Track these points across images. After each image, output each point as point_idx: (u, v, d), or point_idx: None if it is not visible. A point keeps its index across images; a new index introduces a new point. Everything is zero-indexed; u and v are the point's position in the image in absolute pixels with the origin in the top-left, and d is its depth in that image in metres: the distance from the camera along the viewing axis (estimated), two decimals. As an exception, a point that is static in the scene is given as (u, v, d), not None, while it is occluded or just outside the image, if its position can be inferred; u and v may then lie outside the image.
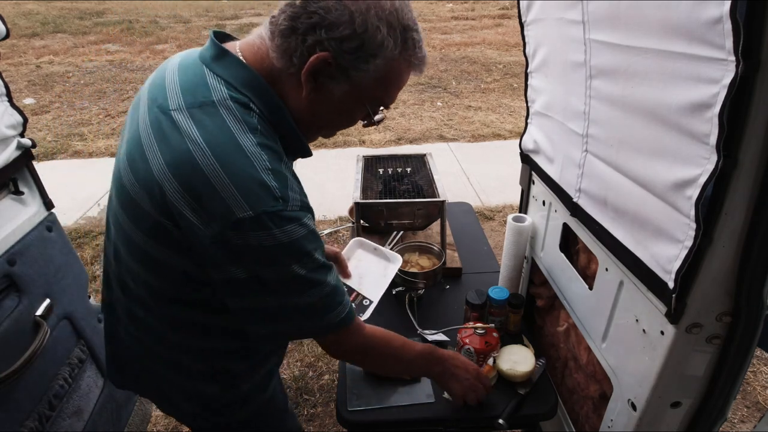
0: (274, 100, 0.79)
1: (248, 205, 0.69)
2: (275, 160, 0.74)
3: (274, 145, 0.77)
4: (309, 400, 2.21)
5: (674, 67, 0.78)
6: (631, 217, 0.99)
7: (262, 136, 0.75)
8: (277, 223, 0.72)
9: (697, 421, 0.96)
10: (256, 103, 0.77)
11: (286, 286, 0.78)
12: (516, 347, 1.33)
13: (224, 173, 0.69)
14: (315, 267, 0.79)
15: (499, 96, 6.50)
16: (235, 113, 0.74)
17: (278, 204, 0.72)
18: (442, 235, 1.70)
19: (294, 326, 0.85)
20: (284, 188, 0.74)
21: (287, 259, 0.75)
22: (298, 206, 0.76)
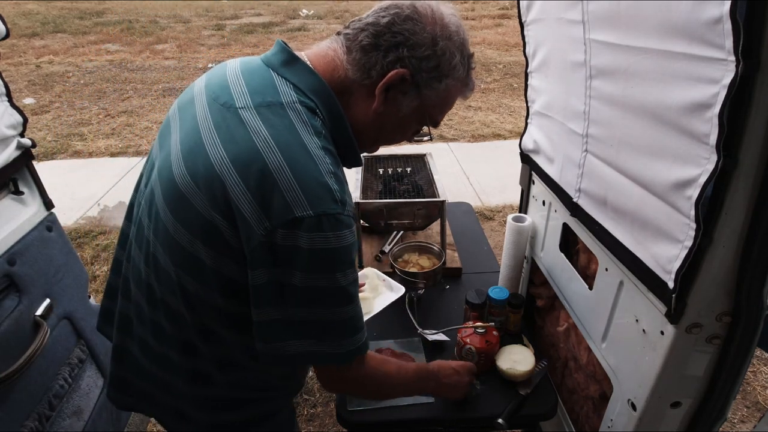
0: (338, 109, 0.81)
1: (309, 204, 0.69)
2: (336, 165, 0.76)
3: (335, 151, 0.79)
4: (309, 400, 2.21)
5: (674, 67, 0.78)
6: (631, 217, 0.99)
7: (326, 141, 0.77)
8: (335, 226, 0.71)
9: (697, 421, 0.96)
10: (322, 110, 0.79)
11: (325, 296, 0.76)
12: (516, 347, 1.33)
13: (290, 171, 0.70)
14: (353, 281, 0.79)
15: (499, 96, 6.50)
16: (302, 116, 0.75)
17: (338, 207, 0.72)
18: (442, 235, 1.70)
19: (313, 346, 0.79)
20: (343, 193, 0.75)
21: (335, 266, 0.74)
22: (353, 213, 0.76)
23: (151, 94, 6.69)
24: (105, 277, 3.07)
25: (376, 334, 1.43)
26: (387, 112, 0.83)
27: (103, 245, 3.39)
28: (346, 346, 0.81)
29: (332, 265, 0.73)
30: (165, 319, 0.87)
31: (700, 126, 0.74)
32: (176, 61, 8.12)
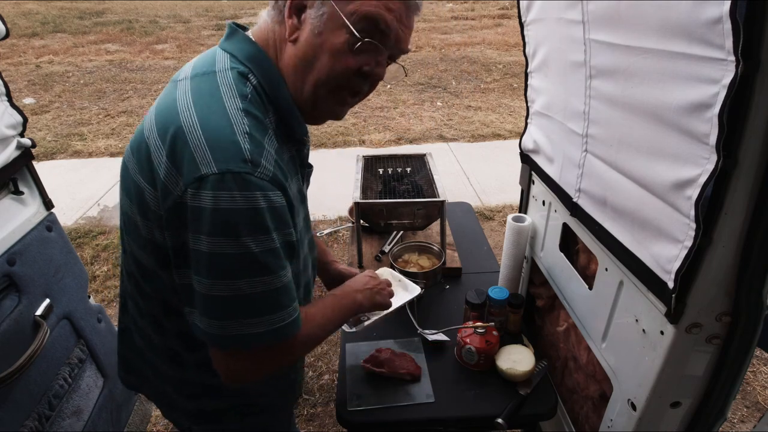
0: (274, 73, 0.79)
1: (215, 161, 0.68)
2: (256, 129, 0.73)
3: (261, 116, 0.76)
4: (309, 400, 2.21)
5: (674, 67, 0.78)
6: (630, 217, 0.99)
7: (251, 105, 0.75)
8: (241, 185, 0.68)
9: (697, 421, 0.96)
10: (256, 75, 0.78)
11: (234, 263, 0.71)
12: (516, 347, 1.33)
13: (200, 129, 0.69)
14: (271, 250, 0.72)
15: (499, 96, 6.50)
16: (230, 80, 0.76)
17: (246, 166, 0.69)
18: (442, 235, 1.70)
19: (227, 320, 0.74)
20: (257, 154, 0.71)
21: (242, 230, 0.69)
22: (269, 177, 0.71)
23: (151, 94, 6.69)
24: (105, 277, 3.07)
25: (375, 334, 1.43)
26: (307, 40, 0.76)
27: (103, 245, 3.39)
28: (267, 321, 0.75)
29: (238, 228, 0.69)
30: (138, 295, 0.90)
31: (700, 126, 0.74)
32: (176, 61, 8.12)
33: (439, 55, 8.36)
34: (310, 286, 1.03)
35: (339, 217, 3.69)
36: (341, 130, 5.38)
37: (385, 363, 1.27)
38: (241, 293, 0.72)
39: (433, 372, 1.30)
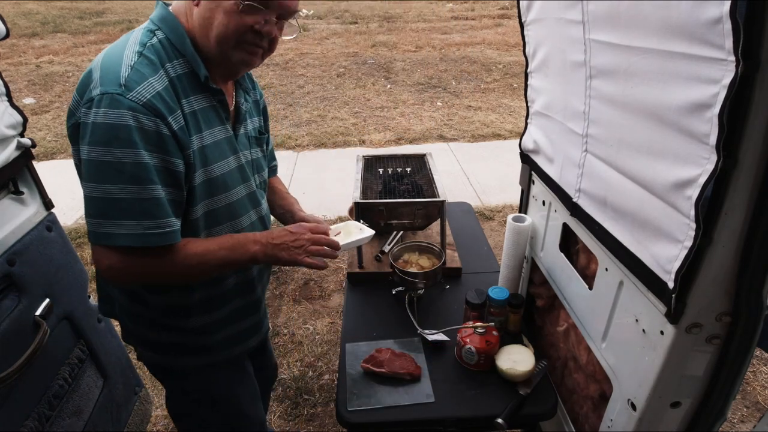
0: (179, 30, 0.95)
1: (101, 85, 0.85)
2: (144, 66, 0.89)
3: (156, 60, 0.91)
4: (309, 400, 2.21)
5: (674, 67, 0.78)
6: (630, 217, 0.99)
7: (148, 50, 0.91)
8: (112, 104, 0.83)
9: (697, 421, 0.96)
10: (165, 31, 0.95)
11: (105, 168, 0.85)
12: (516, 347, 1.33)
13: (100, 65, 0.89)
14: (138, 164, 0.86)
15: (499, 96, 6.50)
16: (138, 34, 0.94)
17: (118, 89, 0.84)
18: (442, 235, 1.70)
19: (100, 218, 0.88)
20: (134, 81, 0.86)
21: (112, 141, 0.84)
22: (141, 102, 0.85)
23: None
24: (105, 277, 3.06)
25: (376, 334, 1.43)
26: (206, 4, 0.92)
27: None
28: (143, 227, 0.89)
29: (109, 139, 0.84)
30: None
31: (700, 126, 0.74)
32: (176, 61, 8.10)
33: (439, 55, 8.36)
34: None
35: (339, 217, 3.69)
36: (341, 130, 5.38)
37: (385, 363, 1.27)
38: (111, 196, 0.86)
39: (433, 372, 1.30)
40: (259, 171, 1.19)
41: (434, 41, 9.29)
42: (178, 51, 0.95)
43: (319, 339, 2.57)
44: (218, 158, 1.01)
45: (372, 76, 7.33)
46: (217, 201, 1.04)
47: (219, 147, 1.02)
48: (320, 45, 9.16)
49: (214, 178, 1.01)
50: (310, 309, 2.79)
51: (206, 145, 0.98)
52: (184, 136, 0.92)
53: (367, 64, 7.91)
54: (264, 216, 1.20)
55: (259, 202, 1.18)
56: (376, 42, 9.20)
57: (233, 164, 1.06)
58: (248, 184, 1.12)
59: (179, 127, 0.91)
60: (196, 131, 0.96)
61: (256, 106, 1.24)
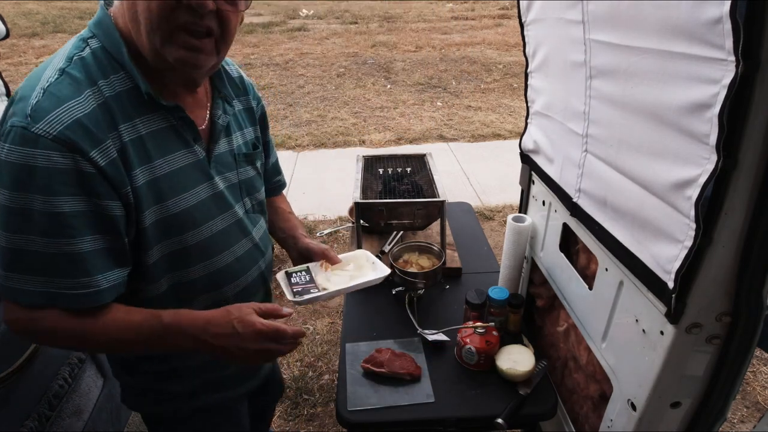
0: (115, 35, 0.79)
1: (10, 117, 0.72)
2: (65, 87, 0.73)
3: (83, 77, 0.75)
4: (309, 400, 2.21)
5: (674, 67, 0.78)
6: (630, 217, 0.99)
7: (74, 66, 0.76)
8: (16, 139, 0.69)
9: (697, 421, 0.96)
10: (100, 38, 0.79)
11: (10, 216, 0.71)
12: (516, 347, 1.33)
13: (20, 88, 0.75)
14: (50, 212, 0.71)
15: (499, 96, 6.50)
16: (68, 46, 0.80)
17: (24, 120, 0.70)
18: (442, 235, 1.70)
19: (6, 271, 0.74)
20: (43, 110, 0.70)
21: (18, 184, 0.70)
22: (52, 135, 0.69)
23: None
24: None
25: (375, 334, 1.43)
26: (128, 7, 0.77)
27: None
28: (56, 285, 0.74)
29: (14, 182, 0.70)
30: None
31: (700, 126, 0.74)
32: (176, 61, 8.10)
33: (439, 55, 8.36)
34: (233, 273, 0.97)
35: (339, 217, 3.69)
36: (341, 130, 5.38)
37: (385, 363, 1.27)
38: (18, 247, 0.72)
39: (433, 372, 1.30)
40: (251, 193, 1.03)
41: (434, 41, 9.29)
42: (118, 62, 0.78)
43: (319, 339, 2.57)
44: (179, 191, 0.85)
45: (372, 76, 7.34)
46: (183, 241, 0.87)
47: (181, 176, 0.85)
48: (320, 45, 9.16)
49: (173, 215, 0.84)
50: (310, 309, 2.79)
51: (160, 177, 0.82)
52: (116, 173, 0.75)
53: (367, 64, 7.91)
54: (258, 243, 1.04)
55: (250, 230, 1.01)
56: (376, 42, 9.20)
57: (204, 194, 0.89)
58: (231, 213, 0.95)
59: (108, 162, 0.74)
60: (143, 162, 0.79)
61: (249, 115, 1.07)
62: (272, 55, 8.45)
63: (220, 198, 0.93)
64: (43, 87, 0.72)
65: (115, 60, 0.78)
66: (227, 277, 0.97)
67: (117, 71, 0.78)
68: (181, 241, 0.87)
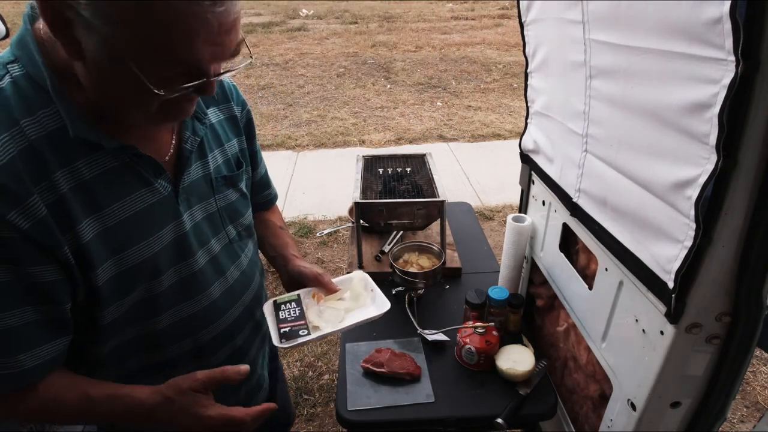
0: (37, 66, 0.63)
1: None
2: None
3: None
4: (309, 400, 2.21)
5: (674, 67, 0.78)
6: (630, 217, 0.99)
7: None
8: None
9: (697, 421, 0.96)
10: (23, 62, 0.64)
11: None
12: (516, 347, 1.33)
13: None
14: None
15: (499, 96, 6.50)
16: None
17: None
18: (442, 235, 1.70)
19: None
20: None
21: None
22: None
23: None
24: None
25: (375, 334, 1.43)
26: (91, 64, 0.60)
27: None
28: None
29: None
30: None
31: (699, 126, 0.74)
32: (176, 61, 8.10)
33: (439, 55, 8.36)
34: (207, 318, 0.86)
35: (339, 217, 3.69)
36: (341, 130, 5.38)
37: (385, 363, 1.27)
38: None
39: (433, 372, 1.30)
40: (234, 219, 0.90)
41: (434, 41, 9.29)
42: (42, 89, 0.63)
43: (319, 339, 2.57)
44: (139, 238, 0.73)
45: (372, 76, 7.34)
46: (146, 292, 0.76)
47: (140, 221, 0.72)
48: (320, 45, 9.16)
49: (133, 267, 0.72)
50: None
51: (113, 226, 0.69)
52: (46, 234, 0.63)
53: (367, 64, 7.91)
54: (243, 274, 0.92)
55: (228, 267, 0.88)
56: (376, 42, 9.20)
57: (170, 236, 0.77)
58: (205, 251, 0.83)
59: (34, 223, 0.61)
60: (90, 212, 0.67)
61: (232, 124, 0.92)
62: (272, 55, 8.45)
63: (192, 237, 0.80)
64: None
65: (44, 90, 0.63)
66: (201, 322, 0.86)
67: (48, 104, 0.63)
68: (145, 293, 0.76)
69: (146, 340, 0.82)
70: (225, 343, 0.91)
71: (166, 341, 0.84)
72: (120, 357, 0.81)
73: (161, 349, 0.85)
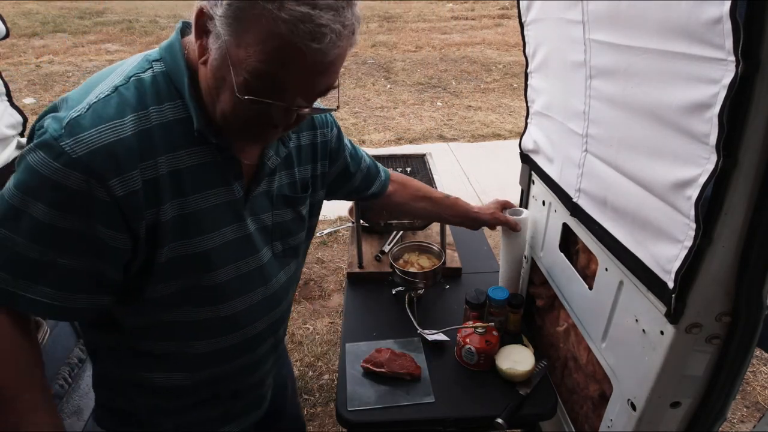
0: (180, 66, 0.74)
1: (52, 117, 0.68)
2: (112, 106, 0.69)
3: (133, 99, 0.71)
4: (309, 400, 2.21)
5: (674, 67, 0.78)
6: (630, 217, 0.99)
7: (131, 86, 0.71)
8: (41, 146, 0.66)
9: (697, 421, 0.96)
10: (166, 63, 0.75)
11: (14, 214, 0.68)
12: (516, 347, 1.33)
13: (76, 89, 0.73)
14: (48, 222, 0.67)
15: (499, 96, 6.50)
16: (131, 63, 0.76)
17: (57, 131, 0.66)
18: (442, 235, 1.70)
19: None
20: (79, 126, 0.66)
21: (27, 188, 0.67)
22: (76, 154, 0.65)
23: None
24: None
25: (376, 334, 1.43)
26: (211, 70, 0.70)
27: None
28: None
29: (25, 182, 0.67)
30: None
31: (700, 126, 0.74)
32: (176, 61, 8.10)
33: (439, 55, 8.36)
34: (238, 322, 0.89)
35: (339, 217, 3.69)
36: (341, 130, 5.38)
37: (385, 363, 1.27)
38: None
39: (433, 372, 1.30)
40: (284, 237, 0.94)
41: (434, 41, 9.29)
42: (178, 91, 0.74)
43: (318, 339, 2.57)
44: (206, 229, 0.79)
45: (372, 76, 7.34)
46: (196, 281, 0.81)
47: (211, 214, 0.79)
48: (320, 45, 9.14)
49: (193, 255, 0.78)
50: (310, 309, 2.79)
51: (189, 213, 0.76)
52: (134, 205, 0.70)
53: (367, 64, 7.91)
54: (279, 290, 0.95)
55: (272, 277, 0.92)
56: (376, 42, 9.20)
57: (231, 235, 0.83)
58: (255, 258, 0.88)
59: (127, 192, 0.69)
60: (175, 196, 0.74)
61: (312, 150, 0.99)
62: (272, 55, 8.43)
63: (247, 241, 0.86)
64: (90, 102, 0.68)
65: (175, 88, 0.74)
66: (231, 325, 0.89)
67: (174, 99, 0.74)
68: (195, 282, 0.81)
69: (174, 329, 0.85)
70: (244, 353, 0.94)
71: (193, 336, 0.87)
72: (141, 336, 0.85)
73: (183, 341, 0.87)
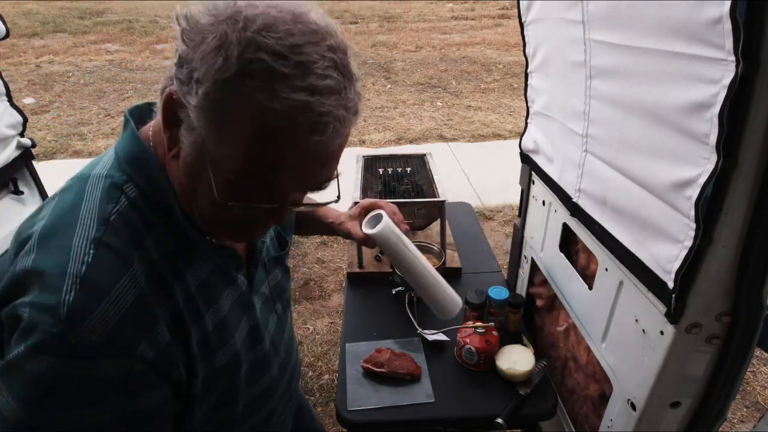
0: (161, 180, 0.60)
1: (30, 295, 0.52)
2: (106, 265, 0.54)
3: (123, 244, 0.56)
4: (309, 400, 2.21)
5: (674, 67, 0.78)
6: (630, 217, 0.99)
7: (112, 232, 0.56)
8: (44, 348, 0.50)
9: (697, 421, 0.96)
10: (138, 182, 0.60)
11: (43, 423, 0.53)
12: (516, 347, 1.33)
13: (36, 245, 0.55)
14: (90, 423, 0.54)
15: (499, 96, 6.50)
16: (96, 197, 0.58)
17: (56, 327, 0.50)
18: (442, 235, 1.70)
19: None
20: (83, 309, 0.52)
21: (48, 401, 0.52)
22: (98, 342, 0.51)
23: (151, 94, 6.69)
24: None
25: (376, 334, 1.43)
26: (185, 165, 0.57)
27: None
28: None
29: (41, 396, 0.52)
30: None
31: (699, 126, 0.74)
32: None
33: (439, 55, 8.36)
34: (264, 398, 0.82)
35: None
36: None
37: (385, 363, 1.27)
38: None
39: (433, 372, 1.30)
40: (281, 295, 0.88)
41: (434, 41, 9.29)
42: (160, 207, 0.61)
43: (319, 339, 2.57)
44: (227, 339, 0.69)
45: (372, 76, 7.33)
46: (226, 385, 0.72)
47: (227, 322, 0.69)
48: (320, 45, 9.14)
49: (219, 368, 0.68)
50: (310, 309, 2.79)
51: (209, 332, 0.66)
52: (168, 358, 0.58)
53: (367, 64, 7.91)
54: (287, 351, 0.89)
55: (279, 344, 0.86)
56: (376, 42, 9.20)
57: (245, 330, 0.74)
58: (267, 333, 0.81)
59: (159, 351, 0.57)
60: (194, 323, 0.63)
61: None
62: (272, 55, 8.43)
63: (261, 323, 0.78)
64: (76, 274, 0.52)
65: (157, 206, 0.61)
66: (263, 399, 0.83)
67: (160, 217, 0.61)
68: (226, 386, 0.72)
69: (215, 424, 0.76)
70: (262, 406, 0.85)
71: (233, 422, 0.79)
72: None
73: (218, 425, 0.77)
